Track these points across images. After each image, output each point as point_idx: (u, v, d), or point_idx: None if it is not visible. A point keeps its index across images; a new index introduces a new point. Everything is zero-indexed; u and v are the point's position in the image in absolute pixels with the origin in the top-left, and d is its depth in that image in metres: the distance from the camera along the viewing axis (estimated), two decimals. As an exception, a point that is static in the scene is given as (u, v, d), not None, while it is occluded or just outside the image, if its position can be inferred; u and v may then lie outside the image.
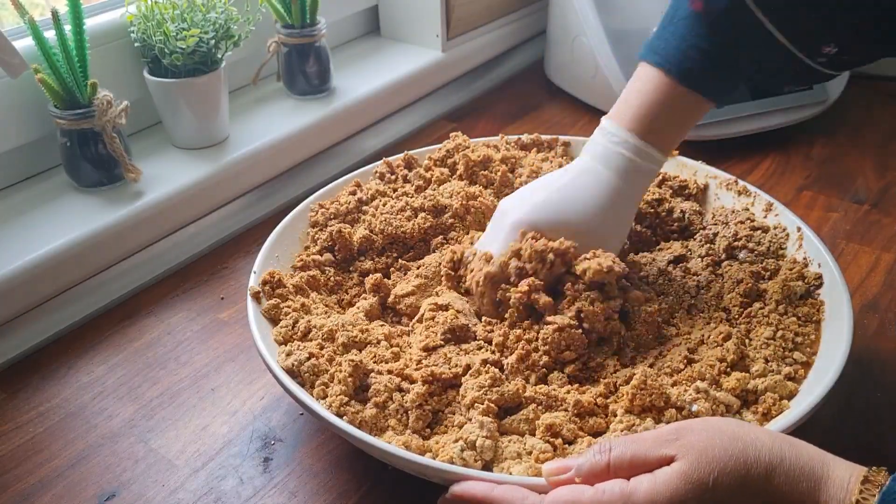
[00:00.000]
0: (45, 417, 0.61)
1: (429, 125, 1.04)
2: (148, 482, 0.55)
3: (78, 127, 0.71)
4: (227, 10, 0.78)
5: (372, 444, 0.48)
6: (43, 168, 0.78)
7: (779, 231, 0.67)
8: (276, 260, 0.65)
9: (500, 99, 1.10)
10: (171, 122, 0.80)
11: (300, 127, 0.86)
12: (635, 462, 0.43)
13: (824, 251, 0.62)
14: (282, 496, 0.54)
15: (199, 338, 0.68)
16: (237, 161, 0.80)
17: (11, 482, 0.55)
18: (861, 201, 0.85)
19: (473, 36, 1.07)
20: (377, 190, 0.74)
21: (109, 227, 0.70)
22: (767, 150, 0.94)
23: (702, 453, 0.41)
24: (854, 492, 0.39)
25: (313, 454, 0.57)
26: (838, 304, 0.58)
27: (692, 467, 0.41)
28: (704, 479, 0.41)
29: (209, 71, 0.77)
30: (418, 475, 0.49)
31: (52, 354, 0.67)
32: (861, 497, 0.39)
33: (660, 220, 0.71)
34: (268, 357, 0.54)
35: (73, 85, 0.70)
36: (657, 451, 0.43)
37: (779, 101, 0.94)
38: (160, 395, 0.62)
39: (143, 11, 0.75)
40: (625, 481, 0.42)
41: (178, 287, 0.75)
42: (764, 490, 0.40)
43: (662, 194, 0.73)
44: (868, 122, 1.00)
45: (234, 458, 0.57)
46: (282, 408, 0.61)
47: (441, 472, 0.47)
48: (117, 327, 0.70)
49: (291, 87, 0.91)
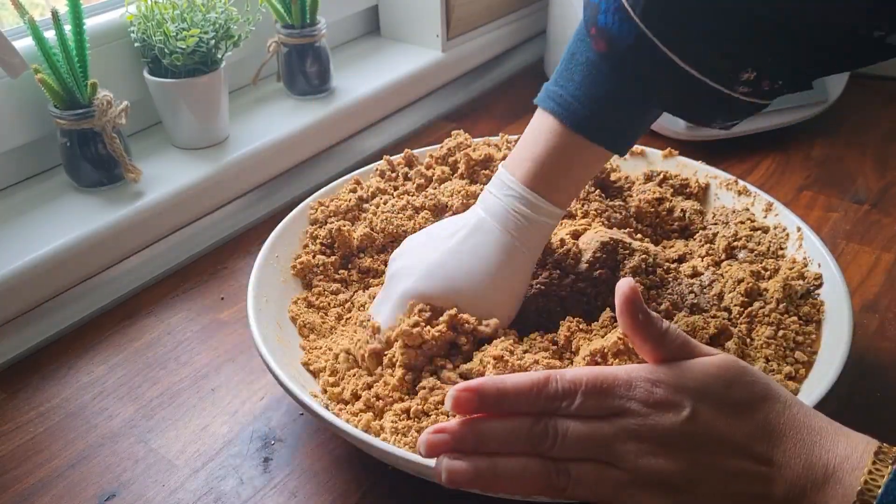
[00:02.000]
0: (46, 417, 0.61)
1: (429, 125, 1.04)
2: (148, 482, 0.55)
3: (78, 127, 0.71)
4: (227, 11, 0.78)
5: (371, 444, 0.48)
6: (43, 168, 0.78)
7: (779, 231, 0.67)
8: (276, 260, 0.65)
9: (501, 99, 1.10)
10: (171, 122, 0.80)
11: (300, 127, 0.86)
12: (686, 346, 0.44)
13: (824, 251, 0.62)
14: (282, 496, 0.54)
15: (199, 338, 0.68)
16: (237, 161, 0.80)
17: (11, 482, 0.55)
18: (861, 201, 0.85)
19: (473, 36, 1.07)
20: (378, 188, 0.74)
21: (109, 227, 0.70)
22: (767, 150, 0.94)
23: (737, 360, 0.43)
24: (867, 462, 0.39)
25: (313, 454, 0.57)
26: (839, 303, 0.58)
27: (721, 366, 0.43)
28: (724, 377, 0.42)
29: (209, 71, 0.77)
30: (418, 475, 0.49)
31: (52, 354, 0.67)
32: (874, 468, 0.39)
33: (660, 219, 0.71)
34: (268, 357, 0.54)
35: (73, 85, 0.70)
36: (704, 349, 0.44)
37: (779, 101, 0.94)
38: (160, 396, 0.62)
39: (143, 11, 0.75)
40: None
41: (178, 287, 0.75)
42: (782, 411, 0.41)
43: (663, 193, 0.72)
44: (868, 122, 1.00)
45: (234, 459, 0.57)
46: (282, 408, 0.61)
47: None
48: (117, 327, 0.70)
49: (291, 87, 0.91)
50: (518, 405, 0.42)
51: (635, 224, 0.70)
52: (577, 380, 0.42)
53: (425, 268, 0.57)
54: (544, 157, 0.55)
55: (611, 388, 0.42)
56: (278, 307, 0.63)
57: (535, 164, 0.56)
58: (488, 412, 0.42)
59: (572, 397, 0.42)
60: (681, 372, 0.42)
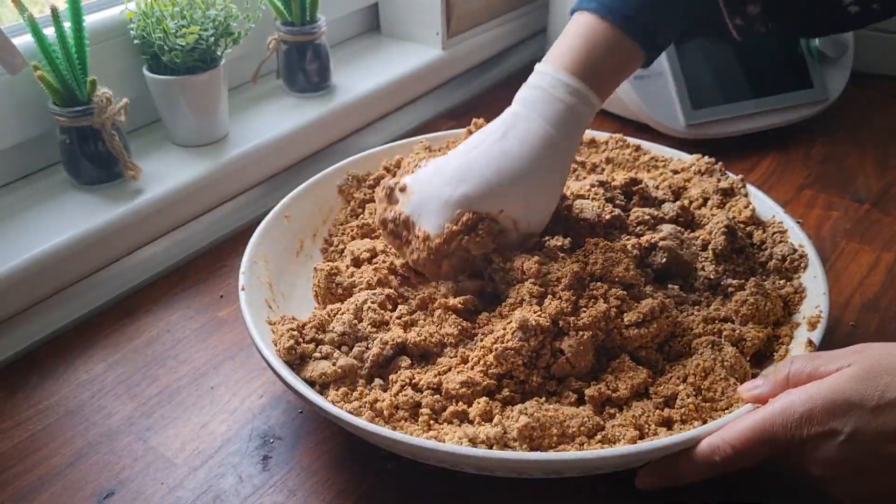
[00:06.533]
0: (44, 415, 0.61)
1: (429, 123, 1.04)
2: (147, 480, 0.55)
3: (77, 124, 0.71)
4: (227, 8, 0.78)
5: (375, 433, 0.48)
6: (42, 165, 0.77)
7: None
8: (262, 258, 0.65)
9: (501, 97, 1.09)
10: (171, 119, 0.80)
11: (300, 124, 0.86)
12: (814, 375, 0.45)
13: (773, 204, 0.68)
14: (281, 494, 0.54)
15: (198, 336, 0.68)
16: (236, 159, 0.80)
17: (10, 480, 0.55)
18: (861, 200, 0.85)
19: (474, 34, 1.07)
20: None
21: (109, 224, 0.70)
22: (768, 149, 0.93)
23: (877, 360, 0.43)
24: None
25: (313, 452, 0.57)
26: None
27: (863, 370, 0.43)
28: (874, 382, 0.43)
29: (209, 68, 0.77)
30: (427, 462, 0.49)
31: (50, 352, 0.67)
32: None
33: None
34: (268, 355, 0.54)
35: (73, 82, 0.70)
36: (835, 363, 0.45)
37: (779, 100, 0.94)
38: (159, 394, 0.62)
39: (143, 8, 0.75)
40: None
41: (177, 285, 0.75)
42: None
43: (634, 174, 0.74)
44: (868, 120, 1.00)
45: (233, 457, 0.57)
46: (281, 406, 0.61)
47: (454, 456, 0.47)
48: (116, 325, 0.70)
49: (291, 84, 0.91)
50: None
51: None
52: (737, 441, 0.46)
53: (472, 173, 0.58)
54: (583, 47, 0.58)
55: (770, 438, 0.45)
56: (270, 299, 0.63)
57: (575, 53, 0.58)
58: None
59: (736, 463, 0.46)
60: (822, 396, 0.44)
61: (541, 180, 0.58)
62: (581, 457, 0.47)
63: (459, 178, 0.58)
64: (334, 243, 0.71)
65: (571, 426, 0.50)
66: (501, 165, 0.57)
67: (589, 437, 0.50)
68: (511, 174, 0.57)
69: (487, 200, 0.57)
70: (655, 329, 0.55)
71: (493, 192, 0.57)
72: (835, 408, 0.43)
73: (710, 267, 0.63)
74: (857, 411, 0.43)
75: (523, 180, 0.57)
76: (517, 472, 0.49)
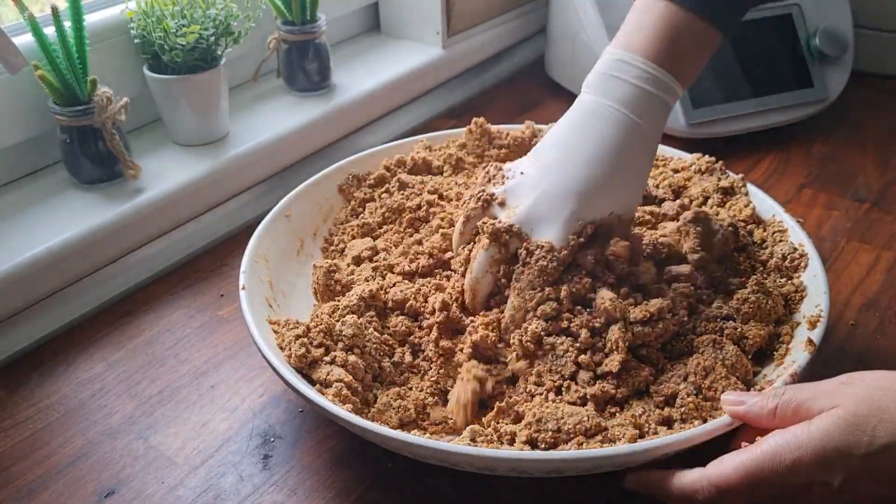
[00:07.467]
0: (45, 414, 0.61)
1: (429, 122, 1.04)
2: (147, 479, 0.55)
3: (78, 123, 0.71)
4: (227, 7, 0.78)
5: (374, 432, 0.48)
6: (43, 164, 0.77)
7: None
8: (262, 257, 0.65)
9: (501, 96, 1.10)
10: (171, 118, 0.80)
11: (300, 124, 0.86)
12: (799, 411, 0.44)
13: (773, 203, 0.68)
14: (281, 493, 0.54)
15: (198, 335, 0.68)
16: (237, 158, 0.80)
17: (11, 479, 0.55)
18: (862, 199, 0.85)
19: (474, 33, 1.07)
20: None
21: (109, 223, 0.70)
22: (768, 149, 0.93)
23: (865, 399, 0.42)
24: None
25: (313, 451, 0.57)
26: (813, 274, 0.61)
27: (850, 414, 0.42)
28: (862, 427, 0.41)
29: (209, 68, 0.77)
30: (427, 461, 0.49)
31: (51, 351, 0.67)
32: None
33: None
34: (269, 354, 0.54)
35: (73, 81, 0.70)
36: (823, 401, 0.44)
37: (779, 100, 0.94)
38: (160, 393, 0.62)
39: (143, 8, 0.75)
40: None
41: (177, 284, 0.75)
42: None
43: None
44: (869, 120, 1.00)
45: (234, 456, 0.57)
46: (281, 405, 0.61)
47: (454, 456, 0.47)
48: (117, 324, 0.70)
49: (291, 83, 0.91)
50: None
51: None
52: (722, 482, 0.45)
53: (574, 180, 0.57)
54: (661, 34, 0.55)
55: (757, 483, 0.44)
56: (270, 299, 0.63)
57: (652, 38, 0.56)
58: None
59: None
60: (811, 446, 0.43)
61: (639, 177, 0.59)
62: (581, 456, 0.47)
63: (565, 188, 0.57)
64: (335, 242, 0.71)
65: (571, 425, 0.50)
66: (605, 169, 0.56)
67: (589, 436, 0.50)
68: (614, 177, 0.57)
69: (598, 208, 0.57)
70: (661, 329, 0.55)
71: (603, 199, 0.57)
72: (824, 458, 0.42)
73: (713, 266, 0.63)
74: (847, 459, 0.42)
75: (624, 181, 0.57)
76: (517, 472, 0.49)
